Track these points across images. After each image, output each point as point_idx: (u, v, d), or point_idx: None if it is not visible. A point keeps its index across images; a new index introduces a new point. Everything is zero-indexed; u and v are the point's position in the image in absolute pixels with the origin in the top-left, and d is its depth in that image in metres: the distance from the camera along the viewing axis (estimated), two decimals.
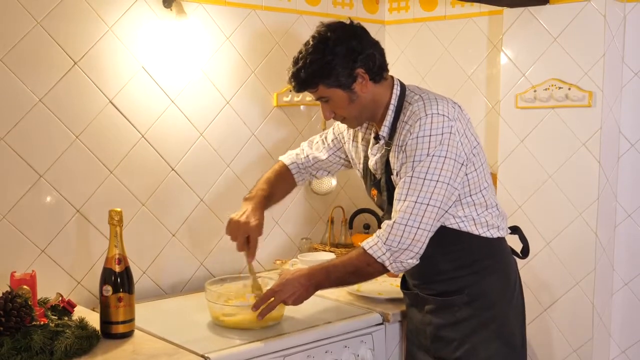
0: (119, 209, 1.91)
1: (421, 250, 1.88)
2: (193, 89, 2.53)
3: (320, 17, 2.84)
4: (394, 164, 1.96)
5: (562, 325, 2.60)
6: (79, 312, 2.04)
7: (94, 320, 1.93)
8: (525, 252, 2.17)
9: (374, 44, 1.95)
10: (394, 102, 1.98)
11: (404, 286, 2.18)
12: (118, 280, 1.89)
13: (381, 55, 1.97)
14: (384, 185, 2.03)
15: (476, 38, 2.88)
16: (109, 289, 1.89)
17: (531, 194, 2.65)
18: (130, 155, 2.38)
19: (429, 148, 1.85)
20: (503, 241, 2.07)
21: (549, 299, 2.63)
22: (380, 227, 1.92)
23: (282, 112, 2.83)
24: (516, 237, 2.17)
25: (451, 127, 1.86)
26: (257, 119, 2.75)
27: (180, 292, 2.54)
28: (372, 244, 1.90)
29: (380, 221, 2.04)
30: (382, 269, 1.91)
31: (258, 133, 2.75)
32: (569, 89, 2.52)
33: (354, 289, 2.40)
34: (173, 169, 2.51)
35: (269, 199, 2.20)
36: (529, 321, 2.23)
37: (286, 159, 2.35)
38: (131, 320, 1.94)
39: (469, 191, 1.94)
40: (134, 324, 1.95)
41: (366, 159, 2.13)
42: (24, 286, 1.91)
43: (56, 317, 1.92)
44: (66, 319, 1.92)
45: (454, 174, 1.87)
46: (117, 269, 1.90)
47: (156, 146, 2.45)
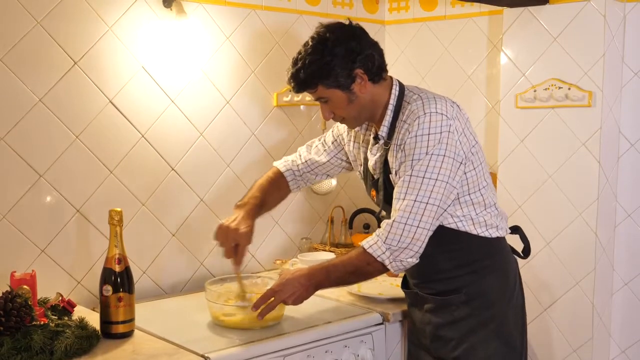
0: (119, 209, 1.91)
1: (421, 249, 1.88)
2: (193, 89, 2.53)
3: (320, 17, 2.84)
4: (393, 163, 1.96)
5: (562, 325, 2.60)
6: (79, 312, 2.05)
7: (94, 320, 1.93)
8: (527, 252, 2.17)
9: (372, 45, 1.95)
10: (392, 102, 1.98)
11: (404, 285, 2.19)
12: (118, 280, 1.90)
13: (380, 56, 1.97)
14: (381, 184, 2.03)
15: (476, 38, 2.88)
16: (109, 289, 1.89)
17: (531, 194, 2.65)
18: (130, 155, 2.38)
19: (427, 147, 1.85)
20: (502, 241, 2.07)
21: (549, 299, 2.62)
22: (379, 226, 1.93)
23: (282, 112, 2.84)
24: (517, 237, 2.17)
25: (450, 125, 1.86)
26: (257, 118, 2.75)
27: (180, 292, 2.54)
28: (371, 243, 1.90)
29: (379, 221, 2.04)
30: (382, 268, 1.91)
31: (258, 133, 2.75)
32: (569, 88, 2.52)
33: (354, 288, 2.40)
34: (173, 169, 2.51)
35: (261, 207, 2.19)
36: (529, 321, 2.23)
37: (281, 165, 2.33)
38: (131, 320, 1.94)
39: (467, 190, 1.94)
40: (134, 324, 1.95)
41: (366, 160, 2.13)
42: (24, 286, 1.91)
43: (56, 317, 1.92)
44: (66, 318, 1.92)
45: (452, 172, 1.87)
46: (117, 268, 1.90)
47: (156, 146, 2.45)
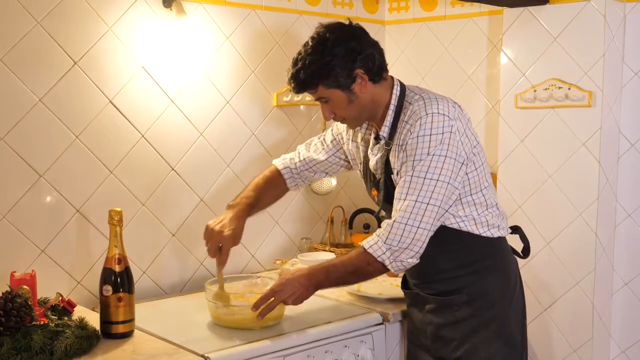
0: (119, 209, 1.91)
1: (421, 250, 1.88)
2: (193, 89, 2.53)
3: (320, 17, 2.84)
4: (394, 163, 1.96)
5: (562, 325, 2.60)
6: (79, 312, 2.04)
7: (94, 320, 1.93)
8: (526, 252, 2.17)
9: (373, 45, 1.95)
10: (394, 102, 1.98)
11: (404, 286, 2.18)
12: (118, 280, 1.89)
13: (380, 56, 1.97)
14: (382, 185, 2.03)
15: (476, 38, 2.88)
16: (109, 289, 1.89)
17: (531, 194, 2.65)
18: (130, 155, 2.38)
19: (429, 147, 1.85)
20: (503, 241, 2.07)
21: (549, 299, 2.63)
22: (380, 226, 1.93)
23: (282, 112, 2.83)
24: (517, 236, 2.17)
25: (451, 126, 1.86)
26: (257, 118, 2.75)
27: (180, 292, 2.54)
28: (372, 243, 1.89)
29: (379, 220, 2.04)
30: (382, 268, 1.91)
31: (258, 133, 2.75)
32: (569, 88, 2.52)
33: (354, 288, 2.40)
34: (173, 169, 2.51)
35: (253, 206, 2.20)
36: (529, 321, 2.23)
37: (279, 163, 2.34)
38: (131, 320, 1.94)
39: (469, 190, 1.94)
40: (134, 324, 1.95)
41: (366, 159, 2.13)
42: (24, 286, 1.90)
43: (56, 317, 1.92)
44: (66, 318, 1.91)
45: (454, 173, 1.87)
46: (117, 268, 1.90)
47: (156, 146, 2.45)
